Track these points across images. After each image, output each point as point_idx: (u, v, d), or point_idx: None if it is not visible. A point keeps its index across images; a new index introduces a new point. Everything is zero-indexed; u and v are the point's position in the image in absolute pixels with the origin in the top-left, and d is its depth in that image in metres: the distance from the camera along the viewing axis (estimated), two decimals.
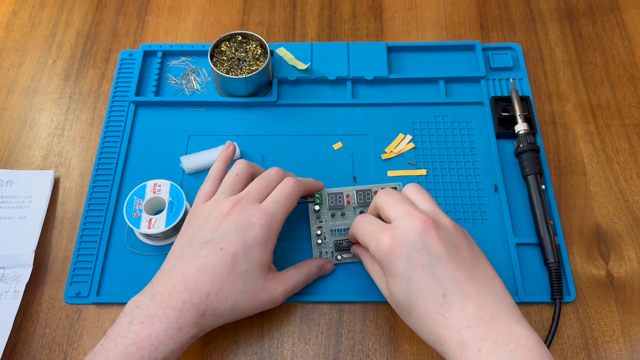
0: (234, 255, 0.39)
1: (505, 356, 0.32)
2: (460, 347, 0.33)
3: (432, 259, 0.36)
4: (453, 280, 0.35)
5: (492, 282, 0.36)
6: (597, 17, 0.64)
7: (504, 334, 0.33)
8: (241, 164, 0.45)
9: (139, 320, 0.37)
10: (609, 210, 0.51)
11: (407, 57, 0.60)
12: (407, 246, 0.36)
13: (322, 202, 0.49)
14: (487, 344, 0.33)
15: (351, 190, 0.50)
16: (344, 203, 0.49)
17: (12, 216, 0.51)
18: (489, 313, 0.34)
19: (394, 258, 0.36)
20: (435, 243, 0.36)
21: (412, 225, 0.37)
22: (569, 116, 0.57)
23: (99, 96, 0.59)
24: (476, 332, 0.33)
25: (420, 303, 0.36)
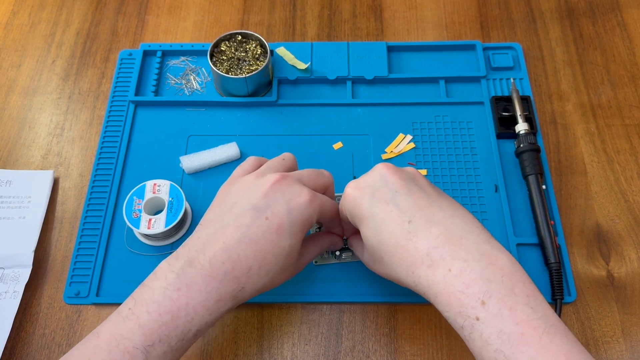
0: (279, 227, 0.36)
1: (476, 274, 0.31)
2: (431, 268, 0.33)
3: (393, 193, 0.36)
4: (417, 208, 0.35)
5: (458, 210, 0.36)
6: (597, 16, 0.63)
7: (473, 253, 0.32)
8: (289, 154, 0.44)
9: (175, 286, 0.34)
10: (610, 211, 0.51)
11: (407, 57, 0.60)
12: (369, 187, 0.37)
13: None
14: (458, 263, 0.32)
15: None
16: None
17: (12, 216, 0.51)
18: (457, 234, 0.34)
19: (358, 201, 0.37)
20: (395, 180, 0.37)
21: (372, 171, 0.39)
22: (570, 116, 0.57)
23: (98, 96, 0.59)
24: (445, 251, 0.33)
25: (387, 235, 0.35)
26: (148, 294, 0.34)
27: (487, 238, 0.34)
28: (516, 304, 0.30)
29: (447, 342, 0.45)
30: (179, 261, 0.35)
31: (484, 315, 0.30)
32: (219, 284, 0.34)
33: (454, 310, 0.32)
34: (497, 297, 0.30)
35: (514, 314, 0.30)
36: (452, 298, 0.32)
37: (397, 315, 0.46)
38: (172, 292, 0.34)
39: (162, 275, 0.35)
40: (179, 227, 0.49)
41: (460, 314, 0.31)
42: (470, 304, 0.31)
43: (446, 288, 0.32)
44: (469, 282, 0.31)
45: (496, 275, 0.31)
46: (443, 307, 0.33)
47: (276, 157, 0.43)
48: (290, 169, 0.43)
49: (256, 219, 0.36)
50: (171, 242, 0.49)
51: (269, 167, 0.41)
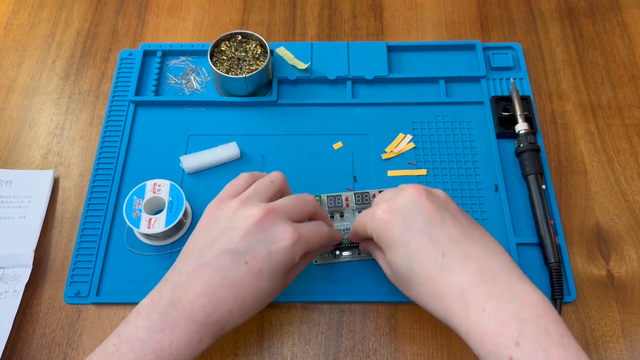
0: (259, 272, 0.36)
1: (510, 314, 0.31)
2: (465, 306, 0.33)
3: (426, 222, 0.36)
4: (450, 241, 0.35)
5: (490, 243, 0.36)
6: (597, 16, 0.64)
7: (507, 291, 0.32)
8: (277, 174, 0.42)
9: (158, 327, 0.35)
10: (610, 210, 0.51)
11: (407, 57, 0.60)
12: (401, 212, 0.37)
13: (321, 204, 0.49)
14: (492, 302, 0.32)
15: (350, 195, 0.50)
16: (343, 205, 0.49)
17: (12, 216, 0.51)
18: (491, 271, 0.33)
19: (389, 226, 0.37)
20: (428, 207, 0.36)
21: (404, 193, 0.38)
22: (570, 116, 0.57)
23: (98, 96, 0.59)
24: (479, 290, 0.33)
25: (419, 266, 0.35)
26: (133, 331, 0.35)
27: (519, 275, 0.34)
28: (550, 344, 0.30)
29: (447, 342, 0.45)
30: (162, 300, 0.36)
31: (518, 355, 0.30)
32: (200, 327, 0.35)
33: (487, 348, 0.32)
34: (531, 338, 0.31)
35: (547, 354, 0.30)
36: (485, 337, 0.32)
37: (397, 315, 0.46)
38: (155, 332, 0.34)
39: (146, 314, 0.35)
40: (179, 226, 0.49)
41: (493, 352, 0.31)
42: (504, 343, 0.31)
43: (480, 327, 0.32)
44: (503, 321, 0.31)
45: (530, 315, 0.31)
46: (475, 344, 0.33)
47: (265, 177, 0.42)
48: (280, 191, 0.42)
49: (236, 262, 0.36)
50: (171, 242, 0.49)
51: (256, 191, 0.40)
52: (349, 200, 0.50)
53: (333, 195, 0.49)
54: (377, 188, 0.51)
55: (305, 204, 0.41)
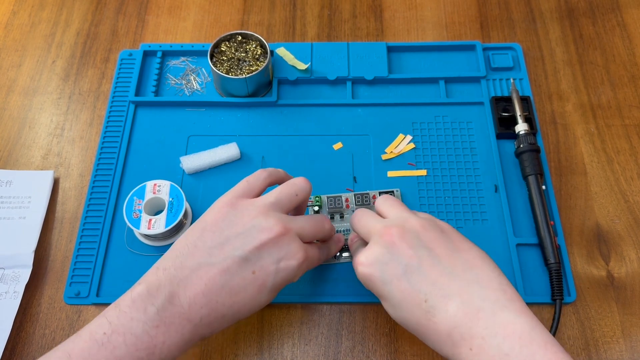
0: (262, 284, 0.37)
1: (495, 352, 0.32)
2: (455, 348, 0.33)
3: (403, 268, 0.36)
4: (430, 283, 0.35)
5: (472, 272, 0.35)
6: (597, 16, 0.63)
7: (491, 326, 0.32)
8: (303, 184, 0.41)
9: (154, 322, 0.34)
10: (610, 211, 0.51)
11: (407, 57, 0.60)
12: (378, 263, 0.37)
13: (321, 205, 0.50)
14: (477, 341, 0.32)
15: (350, 195, 0.50)
16: (343, 206, 0.49)
17: (12, 216, 0.51)
18: (474, 307, 0.33)
19: (371, 281, 0.37)
20: (402, 250, 0.36)
21: (377, 239, 0.38)
22: (570, 116, 0.57)
23: (98, 96, 0.59)
24: (464, 330, 0.33)
25: (407, 315, 0.36)
26: (127, 323, 0.34)
27: (504, 303, 0.33)
28: None
29: None
30: (159, 292, 0.35)
31: None
32: (194, 328, 0.35)
33: None
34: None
35: None
36: None
37: None
38: (150, 328, 0.34)
39: (142, 305, 0.34)
40: (179, 227, 0.49)
41: None
42: None
43: None
44: (489, 358, 0.32)
45: (514, 347, 0.31)
46: None
47: (289, 186, 0.40)
48: (301, 206, 0.43)
49: (243, 270, 0.36)
50: (171, 243, 0.49)
51: (278, 200, 0.39)
52: (349, 201, 0.50)
53: (333, 196, 0.50)
54: (377, 189, 0.51)
55: (321, 230, 0.41)
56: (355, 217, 0.42)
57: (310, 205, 0.49)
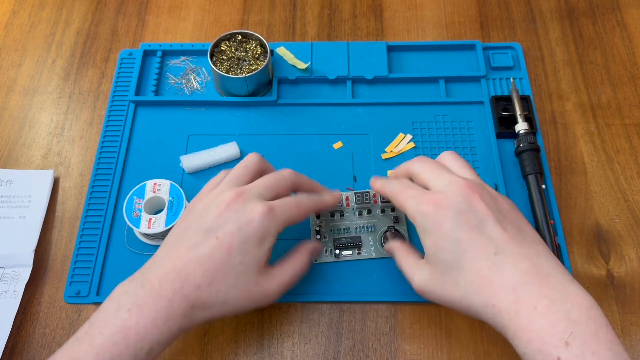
0: (229, 247, 0.37)
1: (562, 314, 0.31)
2: (516, 303, 0.33)
3: (479, 220, 0.36)
4: (503, 240, 0.35)
5: (541, 246, 0.36)
6: (597, 16, 0.64)
7: (560, 292, 0.32)
8: (252, 156, 0.43)
9: (126, 307, 0.35)
10: (610, 210, 0.51)
11: (407, 57, 0.60)
12: (453, 208, 0.36)
13: None
14: (544, 301, 0.32)
15: (350, 194, 0.50)
16: (344, 205, 0.49)
17: (12, 216, 0.51)
18: (544, 272, 0.33)
19: (440, 220, 0.36)
20: (481, 206, 0.36)
21: (455, 189, 0.37)
22: (570, 116, 0.57)
23: (98, 96, 0.59)
24: (532, 289, 0.33)
25: (470, 262, 0.35)
26: (102, 315, 0.36)
27: (570, 278, 0.34)
28: (599, 348, 0.30)
29: (447, 342, 0.45)
30: (132, 283, 0.37)
31: (567, 355, 0.30)
32: (168, 303, 0.35)
33: (535, 346, 0.31)
34: (581, 340, 0.30)
35: (596, 357, 0.30)
36: (534, 335, 0.32)
37: (397, 315, 0.46)
38: (123, 312, 0.35)
39: (116, 298, 0.36)
40: None
41: (540, 351, 0.31)
42: (554, 343, 0.31)
43: (530, 325, 0.32)
44: (554, 321, 0.31)
45: (581, 317, 0.31)
46: (523, 342, 0.32)
47: (239, 164, 0.43)
48: (258, 173, 0.42)
49: (207, 239, 0.37)
50: None
51: (231, 179, 0.41)
52: (349, 199, 0.50)
53: None
54: None
55: (281, 179, 0.41)
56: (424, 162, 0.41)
57: None
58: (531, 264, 0.34)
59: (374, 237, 0.48)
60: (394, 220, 0.49)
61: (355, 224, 0.49)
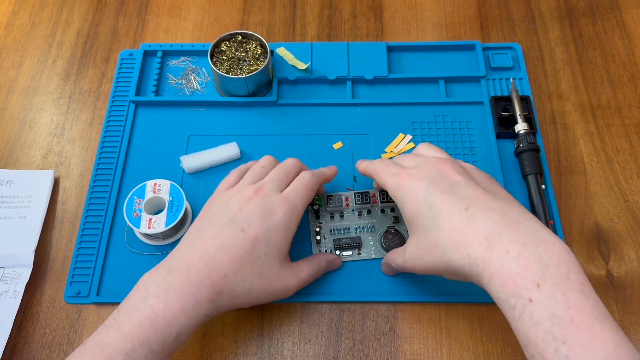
0: (255, 238, 0.39)
1: (533, 258, 0.32)
2: (489, 250, 0.33)
3: (450, 185, 0.38)
4: (473, 197, 0.36)
5: (512, 202, 0.37)
6: (597, 16, 0.64)
7: (531, 238, 0.33)
8: (267, 158, 0.46)
9: (154, 294, 0.36)
10: (609, 210, 0.51)
11: (407, 57, 0.60)
12: (425, 178, 0.38)
13: (321, 205, 0.50)
14: (516, 246, 0.33)
15: (350, 194, 0.50)
16: (343, 205, 0.49)
17: (12, 216, 0.51)
18: (514, 220, 0.34)
19: (414, 189, 0.38)
20: (452, 173, 0.38)
21: (428, 164, 0.40)
22: (569, 116, 0.57)
23: (99, 96, 0.59)
24: (504, 235, 0.33)
25: (445, 222, 0.36)
26: (130, 302, 0.37)
27: (542, 225, 0.35)
28: (570, 289, 0.31)
29: (447, 342, 0.45)
30: (159, 272, 0.38)
31: (538, 297, 0.31)
32: (196, 289, 0.37)
33: (508, 290, 0.32)
34: (552, 282, 0.31)
35: (567, 298, 0.31)
36: (507, 279, 0.32)
37: (397, 315, 0.46)
38: (151, 299, 0.36)
39: (144, 286, 0.37)
40: (179, 226, 0.49)
41: (513, 294, 0.32)
42: (525, 285, 0.31)
43: (503, 269, 0.32)
44: (527, 264, 0.32)
45: (552, 260, 0.32)
46: (497, 287, 0.33)
47: (256, 164, 0.46)
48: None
49: (232, 231, 0.39)
50: (171, 242, 0.49)
51: (249, 178, 0.44)
52: (349, 200, 0.50)
53: (333, 194, 0.50)
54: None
55: (290, 169, 0.45)
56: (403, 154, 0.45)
57: (310, 205, 0.49)
58: (502, 213, 0.35)
59: (374, 237, 0.49)
60: (394, 220, 0.49)
61: (355, 224, 0.49)
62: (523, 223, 0.34)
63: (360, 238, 0.48)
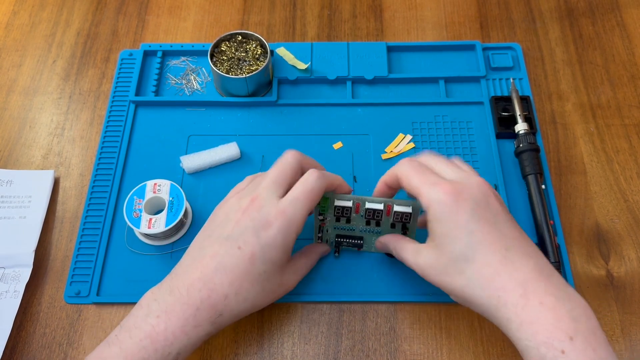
0: (252, 256, 0.38)
1: (565, 312, 0.33)
2: (523, 298, 0.34)
3: (493, 216, 0.37)
4: (513, 237, 0.36)
5: (538, 249, 0.37)
6: (597, 16, 0.64)
7: (562, 292, 0.34)
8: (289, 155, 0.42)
9: (155, 313, 0.36)
10: (609, 210, 0.51)
11: (407, 57, 0.60)
12: (472, 200, 0.36)
13: (327, 210, 0.45)
14: (550, 298, 0.33)
15: (361, 200, 0.44)
16: (353, 210, 0.44)
17: (12, 216, 0.51)
18: (547, 272, 0.35)
19: (457, 209, 0.36)
20: (496, 203, 0.37)
21: (474, 182, 0.38)
22: (569, 116, 0.57)
23: (99, 96, 0.59)
24: (539, 286, 0.34)
25: (482, 254, 0.35)
26: (132, 320, 0.37)
27: (566, 282, 0.36)
28: (598, 345, 0.32)
29: (447, 342, 0.45)
30: (161, 290, 0.38)
31: (570, 350, 0.32)
32: (196, 311, 0.36)
33: (539, 339, 0.32)
34: (583, 336, 0.32)
35: (597, 354, 0.32)
36: (540, 329, 0.33)
37: (397, 315, 0.46)
38: (152, 318, 0.36)
39: (146, 303, 0.37)
40: (179, 226, 0.49)
41: (545, 344, 0.32)
42: (559, 337, 0.32)
43: (537, 319, 0.33)
44: (560, 317, 0.33)
45: (581, 316, 0.33)
46: (527, 335, 0.33)
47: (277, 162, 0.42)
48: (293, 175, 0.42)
49: (230, 248, 0.38)
50: (171, 242, 0.49)
51: (254, 183, 0.42)
52: (359, 206, 0.44)
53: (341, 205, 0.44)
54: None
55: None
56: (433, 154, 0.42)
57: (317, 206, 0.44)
58: (536, 263, 0.35)
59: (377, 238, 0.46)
60: (402, 233, 0.45)
61: (361, 228, 0.46)
62: (553, 276, 0.35)
63: (362, 237, 0.47)
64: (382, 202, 0.43)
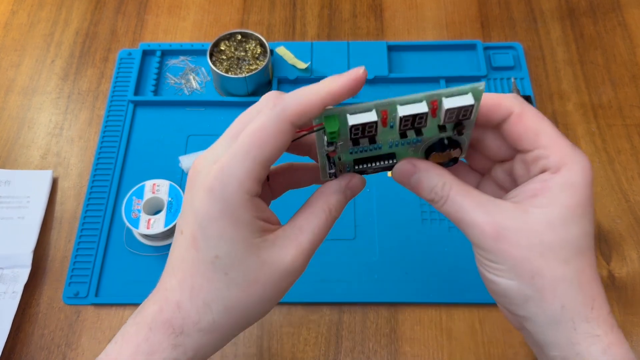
0: (193, 239, 0.26)
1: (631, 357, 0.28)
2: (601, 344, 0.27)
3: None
4: None
5: None
6: (598, 16, 0.63)
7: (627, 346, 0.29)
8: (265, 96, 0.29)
9: (114, 340, 0.28)
10: (611, 211, 0.51)
11: (407, 56, 0.60)
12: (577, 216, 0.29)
13: (337, 139, 0.27)
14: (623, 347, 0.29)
15: (388, 105, 0.26)
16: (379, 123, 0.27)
17: (11, 216, 0.51)
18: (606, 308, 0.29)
19: (590, 186, 0.30)
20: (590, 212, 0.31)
21: (572, 181, 0.29)
22: (571, 116, 0.57)
23: (97, 96, 0.59)
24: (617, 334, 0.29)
25: (588, 254, 0.29)
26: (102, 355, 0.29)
27: None
28: None
29: (448, 343, 0.45)
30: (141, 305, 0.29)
31: None
32: (149, 332, 0.27)
33: None
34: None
35: None
36: None
37: (398, 316, 0.46)
38: (112, 345, 0.28)
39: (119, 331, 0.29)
40: None
41: None
42: None
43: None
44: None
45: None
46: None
47: None
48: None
49: (176, 239, 0.28)
50: (170, 243, 0.49)
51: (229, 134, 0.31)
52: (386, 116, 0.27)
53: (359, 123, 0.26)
54: (377, 188, 0.51)
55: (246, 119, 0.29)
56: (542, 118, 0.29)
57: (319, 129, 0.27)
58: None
59: (415, 149, 0.29)
60: (455, 134, 0.28)
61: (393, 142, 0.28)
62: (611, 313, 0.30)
63: (394, 154, 0.29)
64: (424, 98, 0.26)
